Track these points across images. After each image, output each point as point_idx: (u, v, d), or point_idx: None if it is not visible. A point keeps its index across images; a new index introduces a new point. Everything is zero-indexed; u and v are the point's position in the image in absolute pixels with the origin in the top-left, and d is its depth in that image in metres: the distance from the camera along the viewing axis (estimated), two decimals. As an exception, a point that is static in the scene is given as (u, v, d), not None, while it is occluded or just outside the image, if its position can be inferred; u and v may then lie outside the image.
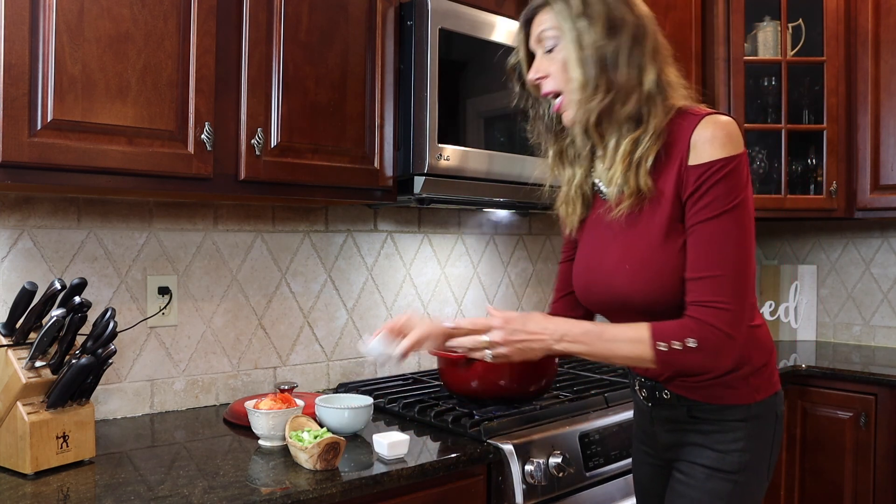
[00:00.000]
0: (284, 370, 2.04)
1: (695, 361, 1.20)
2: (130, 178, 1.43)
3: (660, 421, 1.41)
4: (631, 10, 1.27)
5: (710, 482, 1.31)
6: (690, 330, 1.19)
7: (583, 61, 1.25)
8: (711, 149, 1.21)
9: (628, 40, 1.25)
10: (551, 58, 1.30)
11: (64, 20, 1.32)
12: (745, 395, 1.31)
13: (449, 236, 2.44)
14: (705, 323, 1.19)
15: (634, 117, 1.26)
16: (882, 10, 2.66)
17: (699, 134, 1.22)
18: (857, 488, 2.40)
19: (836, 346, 3.04)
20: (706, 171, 1.20)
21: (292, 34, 1.64)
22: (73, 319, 1.35)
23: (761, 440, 1.32)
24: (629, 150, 1.25)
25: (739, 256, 1.20)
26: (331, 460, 1.36)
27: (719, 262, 1.19)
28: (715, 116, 1.23)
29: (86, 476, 1.33)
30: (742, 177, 1.21)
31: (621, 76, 1.24)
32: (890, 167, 2.65)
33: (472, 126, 1.90)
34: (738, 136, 1.23)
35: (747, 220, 1.21)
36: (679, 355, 1.19)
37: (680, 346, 1.19)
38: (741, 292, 1.20)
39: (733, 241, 1.20)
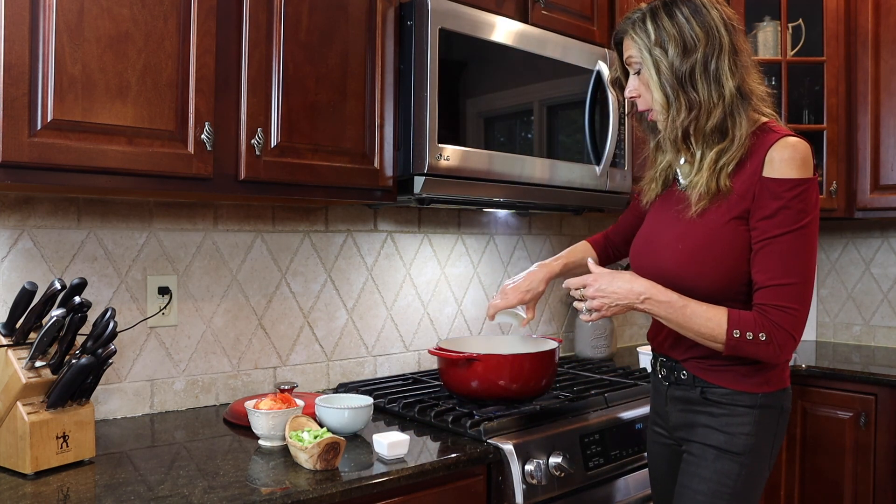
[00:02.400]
0: (284, 370, 2.04)
1: (760, 352, 1.33)
2: (130, 178, 1.43)
3: (673, 401, 1.50)
4: (704, 25, 1.37)
5: (719, 462, 1.40)
6: (762, 326, 1.32)
7: (661, 85, 1.38)
8: (787, 168, 1.33)
9: (703, 57, 1.36)
10: (639, 79, 1.45)
11: (64, 20, 1.32)
12: (756, 384, 1.41)
13: (449, 236, 2.44)
14: (775, 323, 1.32)
15: (720, 128, 1.38)
16: (882, 10, 2.66)
17: (777, 152, 1.33)
18: (857, 488, 2.40)
19: (836, 346, 3.04)
20: (782, 186, 1.32)
21: (292, 34, 1.64)
22: (73, 319, 1.35)
23: (766, 429, 1.41)
24: (714, 160, 1.38)
25: (807, 269, 1.34)
26: (331, 460, 1.36)
27: (792, 272, 1.32)
28: (793, 139, 1.35)
29: (86, 476, 1.33)
30: (812, 198, 1.34)
31: (701, 93, 1.36)
32: (890, 167, 2.65)
33: (472, 126, 1.90)
34: (811, 162, 1.35)
35: (814, 238, 1.35)
36: (748, 344, 1.33)
37: (752, 336, 1.32)
38: (806, 301, 1.34)
39: (803, 255, 1.33)
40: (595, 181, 2.19)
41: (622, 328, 3.07)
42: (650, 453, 1.63)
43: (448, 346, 1.89)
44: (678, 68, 1.36)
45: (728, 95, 1.35)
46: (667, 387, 1.52)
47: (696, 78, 1.36)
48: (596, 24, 2.36)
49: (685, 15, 1.37)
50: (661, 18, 1.38)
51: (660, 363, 1.55)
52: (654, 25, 1.38)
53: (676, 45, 1.36)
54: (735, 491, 1.38)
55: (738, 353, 1.34)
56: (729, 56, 1.37)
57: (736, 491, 1.38)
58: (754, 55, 2.77)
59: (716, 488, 1.39)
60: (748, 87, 1.38)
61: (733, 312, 1.34)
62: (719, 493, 1.39)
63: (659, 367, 1.55)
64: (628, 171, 2.29)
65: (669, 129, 1.40)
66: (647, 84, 1.42)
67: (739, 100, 1.36)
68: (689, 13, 1.37)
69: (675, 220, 1.46)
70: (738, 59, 1.38)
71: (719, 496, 1.39)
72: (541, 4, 2.16)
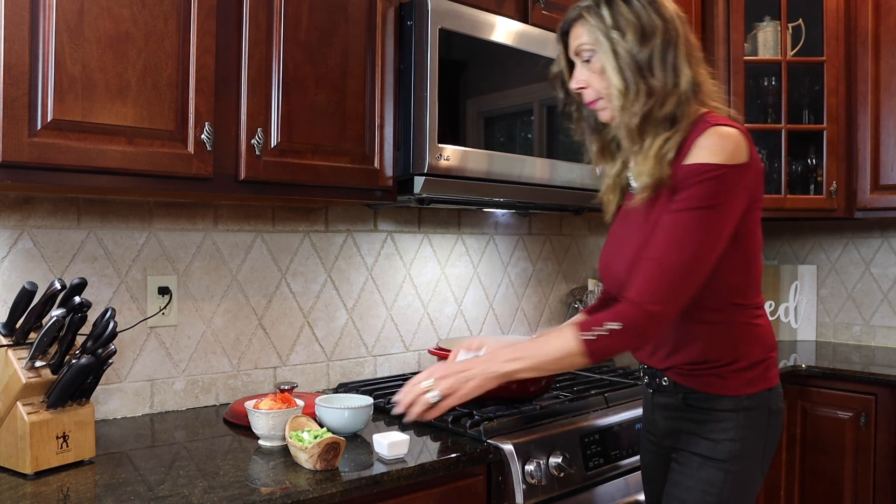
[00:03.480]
0: (284, 370, 2.04)
1: (619, 342, 1.27)
2: (130, 178, 1.43)
3: (659, 408, 1.48)
4: (660, 15, 1.34)
5: (702, 470, 1.36)
6: (615, 314, 1.27)
7: (621, 70, 1.33)
8: (705, 153, 1.27)
9: (661, 44, 1.32)
10: (590, 68, 1.38)
11: (64, 20, 1.32)
12: (736, 386, 1.36)
13: (449, 236, 2.44)
14: (632, 301, 1.26)
15: (670, 118, 1.33)
16: (882, 10, 2.66)
17: (702, 139, 1.28)
18: (857, 488, 2.40)
19: (836, 346, 3.04)
20: (695, 171, 1.27)
21: (292, 34, 1.64)
22: (73, 319, 1.35)
23: (753, 432, 1.37)
24: (659, 147, 1.32)
25: (684, 251, 1.25)
26: (331, 460, 1.36)
27: (663, 250, 1.26)
28: (722, 127, 1.29)
29: (86, 476, 1.33)
30: (724, 186, 1.26)
31: (658, 80, 1.32)
32: (890, 167, 2.65)
33: (472, 126, 1.90)
34: (738, 149, 1.28)
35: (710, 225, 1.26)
36: (604, 340, 1.26)
37: (604, 331, 1.26)
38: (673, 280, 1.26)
39: (684, 235, 1.26)
40: (595, 181, 2.18)
41: (622, 328, 3.07)
42: (643, 461, 1.60)
43: (448, 346, 1.89)
44: (636, 54, 1.31)
45: (684, 84, 1.32)
46: (651, 394, 1.49)
47: (654, 65, 1.31)
48: (596, 24, 2.36)
49: (641, 3, 1.33)
50: (616, 4, 1.34)
51: (643, 371, 1.52)
52: (609, 10, 1.34)
53: (635, 31, 1.32)
54: (721, 500, 1.34)
55: (602, 354, 1.28)
56: (684, 47, 1.34)
57: (722, 500, 1.34)
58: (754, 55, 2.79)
59: (700, 497, 1.35)
60: (700, 79, 1.35)
61: (580, 322, 1.30)
62: (704, 502, 1.34)
63: (642, 374, 1.52)
64: (628, 171, 2.29)
65: (627, 116, 1.34)
66: (601, 71, 1.36)
67: (691, 91, 1.33)
68: (645, 2, 1.34)
69: (630, 232, 1.41)
70: (691, 51, 1.35)
71: None
72: (541, 4, 2.16)
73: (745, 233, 1.34)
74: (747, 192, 1.30)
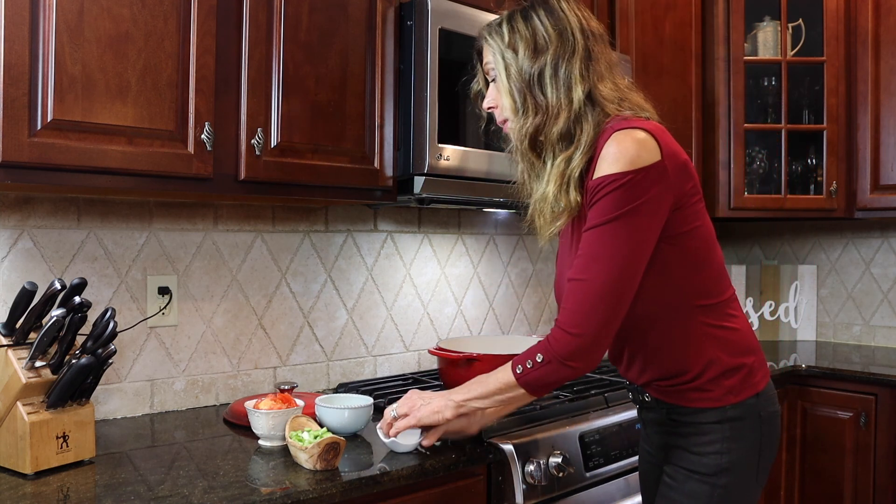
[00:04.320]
0: (284, 370, 2.04)
1: (549, 374, 1.25)
2: (130, 178, 1.43)
3: (648, 423, 1.48)
4: (558, 28, 1.30)
5: (688, 484, 1.32)
6: (540, 346, 1.26)
7: (510, 90, 1.32)
8: (607, 164, 1.22)
9: (553, 61, 1.29)
10: (496, 87, 1.38)
11: (64, 20, 1.32)
12: (718, 397, 1.31)
13: (449, 236, 2.44)
14: (558, 328, 1.25)
15: (566, 136, 1.28)
16: (882, 10, 2.66)
17: (605, 149, 1.24)
18: (857, 488, 2.40)
19: (836, 346, 3.05)
20: (599, 184, 1.23)
21: (292, 34, 1.64)
22: (73, 319, 1.35)
23: (742, 443, 1.31)
24: (562, 169, 1.28)
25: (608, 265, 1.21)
26: (331, 460, 1.36)
27: (586, 269, 1.23)
28: (624, 132, 1.22)
29: (86, 476, 1.33)
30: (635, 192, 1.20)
31: (548, 97, 1.29)
32: (890, 167, 2.65)
33: (472, 126, 1.90)
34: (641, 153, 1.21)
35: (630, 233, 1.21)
36: (534, 372, 1.26)
37: (531, 363, 1.26)
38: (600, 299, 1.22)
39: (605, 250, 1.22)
40: (595, 181, 2.19)
41: (622, 328, 3.07)
42: (640, 471, 1.58)
43: (448, 346, 1.89)
44: (526, 70, 1.29)
45: (576, 101, 1.27)
46: (639, 409, 1.49)
47: (544, 80, 1.29)
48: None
49: (540, 16, 1.31)
50: (516, 21, 1.33)
51: (627, 387, 1.49)
52: (508, 28, 1.33)
53: (527, 47, 1.30)
54: None
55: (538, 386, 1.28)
56: (581, 61, 1.29)
57: None
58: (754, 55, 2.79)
59: None
60: (599, 92, 1.29)
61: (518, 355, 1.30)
62: None
63: (628, 390, 1.49)
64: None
65: (518, 136, 1.32)
66: (500, 91, 1.35)
67: (588, 106, 1.28)
68: (544, 14, 1.31)
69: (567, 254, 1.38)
70: (591, 64, 1.30)
71: None
72: (541, 4, 2.16)
73: (685, 230, 1.27)
74: (669, 191, 1.23)
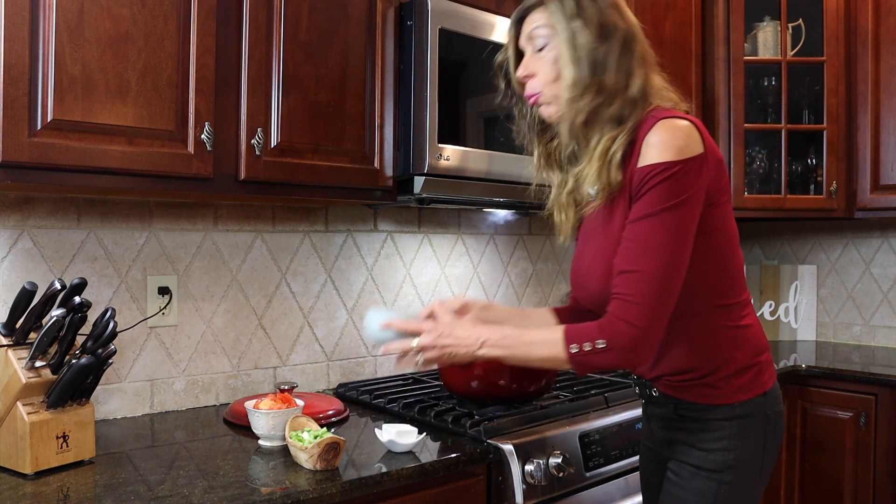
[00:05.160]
0: (284, 370, 2.04)
1: (606, 360, 1.23)
2: (130, 178, 1.43)
3: (653, 418, 1.46)
4: (621, 17, 1.30)
5: (695, 481, 1.32)
6: (601, 330, 1.22)
7: (576, 61, 1.28)
8: (656, 152, 1.22)
9: (618, 45, 1.28)
10: (540, 56, 1.33)
11: (64, 20, 1.32)
12: (728, 394, 1.32)
13: (449, 236, 2.44)
14: (617, 318, 1.21)
15: (617, 119, 1.28)
16: (882, 10, 2.66)
17: (650, 136, 1.23)
18: (857, 488, 2.40)
19: (836, 346, 3.04)
20: (648, 173, 1.22)
21: (292, 34, 1.64)
22: (73, 319, 1.35)
23: (749, 440, 1.33)
24: (606, 148, 1.27)
25: (661, 257, 1.21)
26: (331, 460, 1.36)
27: (640, 259, 1.21)
28: (670, 121, 1.24)
29: (86, 476, 1.33)
30: (683, 183, 1.21)
31: (610, 79, 1.28)
32: (890, 167, 2.65)
33: (472, 126, 1.90)
34: (689, 142, 1.22)
35: (680, 224, 1.22)
36: (590, 356, 1.22)
37: (590, 347, 1.22)
38: (655, 289, 1.21)
39: (659, 240, 1.21)
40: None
41: (622, 328, 3.06)
42: (641, 467, 1.57)
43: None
44: (595, 49, 1.27)
45: (634, 88, 1.28)
46: (644, 405, 1.48)
47: (609, 64, 1.27)
48: (596, 24, 2.36)
49: (604, 3, 1.30)
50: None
51: (634, 381, 1.49)
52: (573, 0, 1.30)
53: (595, 27, 1.28)
54: None
55: (586, 367, 1.25)
56: (640, 52, 1.31)
57: None
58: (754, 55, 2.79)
59: None
60: (651, 83, 1.31)
61: (570, 327, 1.25)
62: None
63: (634, 385, 1.50)
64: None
65: (573, 111, 1.29)
66: (554, 60, 1.30)
67: (641, 95, 1.29)
68: (607, 3, 1.30)
69: (592, 241, 1.38)
70: (645, 57, 1.32)
71: None
72: (541, 4, 2.15)
73: (715, 227, 1.28)
74: (707, 185, 1.25)
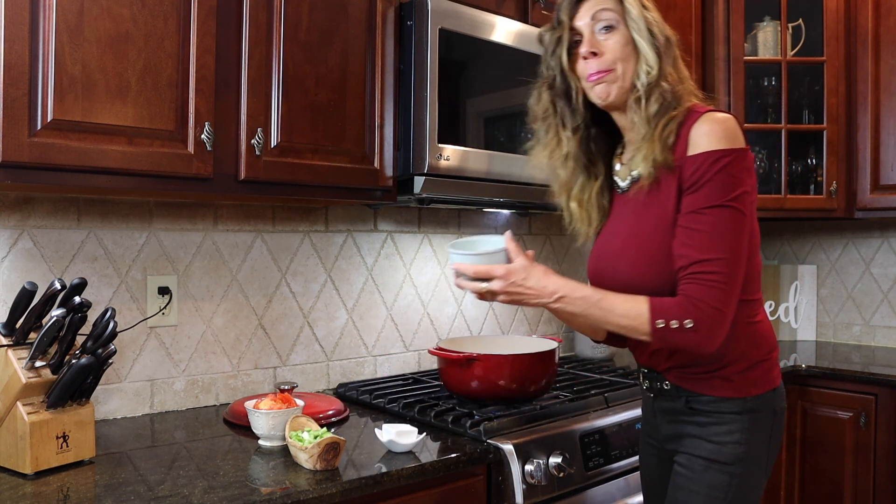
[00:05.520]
0: (284, 370, 2.04)
1: (689, 340, 1.26)
2: (130, 178, 1.43)
3: (661, 412, 1.46)
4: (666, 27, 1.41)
5: (707, 474, 1.35)
6: (687, 311, 1.25)
7: (653, 46, 1.35)
8: (708, 140, 1.28)
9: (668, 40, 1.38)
10: (609, 36, 1.36)
11: (64, 20, 1.32)
12: (741, 388, 1.36)
13: (449, 236, 2.43)
14: (702, 301, 1.25)
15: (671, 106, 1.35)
16: (882, 10, 2.66)
17: (697, 129, 1.30)
18: (857, 488, 2.40)
19: (836, 346, 3.04)
20: (704, 160, 1.28)
21: (292, 34, 1.64)
22: (73, 319, 1.35)
23: (757, 434, 1.36)
24: (662, 129, 1.33)
25: (736, 245, 1.27)
26: (331, 460, 1.36)
27: (718, 248, 1.26)
28: (713, 113, 1.31)
29: (86, 476, 1.33)
30: (740, 171, 1.27)
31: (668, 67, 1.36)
32: (890, 167, 2.65)
33: (472, 126, 1.90)
34: (737, 132, 1.30)
35: (744, 213, 1.28)
36: (675, 333, 1.26)
37: (677, 324, 1.25)
38: (734, 278, 1.27)
39: (732, 230, 1.27)
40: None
41: (622, 328, 3.06)
42: (642, 464, 1.59)
43: (448, 346, 1.89)
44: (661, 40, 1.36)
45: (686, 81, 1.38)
46: (652, 398, 1.48)
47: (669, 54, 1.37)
48: (596, 24, 2.36)
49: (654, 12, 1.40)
50: None
51: (643, 374, 1.50)
52: None
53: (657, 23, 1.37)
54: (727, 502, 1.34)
55: (666, 344, 1.28)
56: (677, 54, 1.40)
57: (728, 503, 1.34)
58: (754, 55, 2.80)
59: (706, 501, 1.34)
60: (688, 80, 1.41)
61: (655, 300, 1.28)
62: None
63: (643, 378, 1.50)
64: (628, 171, 2.29)
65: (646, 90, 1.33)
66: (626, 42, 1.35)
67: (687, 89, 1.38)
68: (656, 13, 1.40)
69: (621, 227, 1.42)
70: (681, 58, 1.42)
71: None
72: (541, 4, 2.16)
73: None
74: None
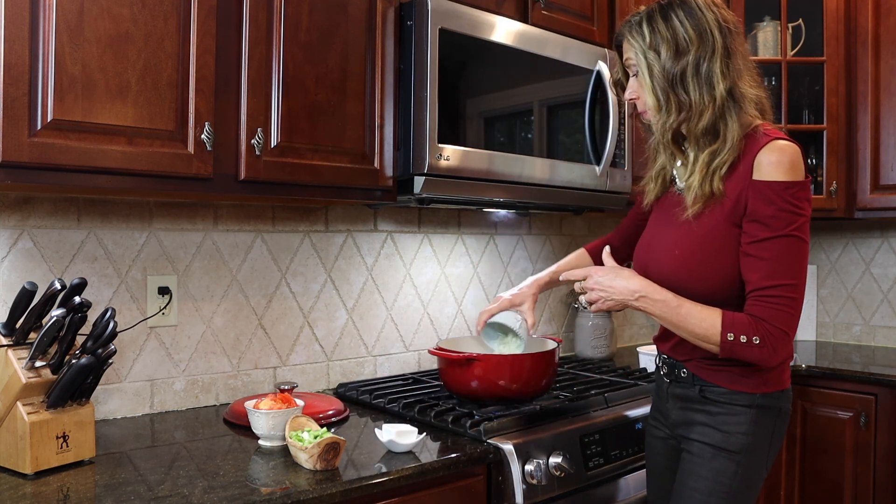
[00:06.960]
0: (284, 370, 2.04)
1: (755, 355, 1.35)
2: (130, 178, 1.43)
3: (674, 397, 1.53)
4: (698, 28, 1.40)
5: (715, 461, 1.42)
6: (755, 328, 1.34)
7: (653, 89, 1.42)
8: (776, 171, 1.35)
9: (695, 59, 1.39)
10: (637, 81, 1.48)
11: (64, 20, 1.32)
12: (754, 384, 1.43)
13: (449, 236, 2.44)
14: (769, 322, 1.33)
15: (711, 131, 1.40)
16: (882, 10, 2.66)
17: (765, 155, 1.35)
18: (857, 488, 2.40)
19: (836, 346, 3.04)
20: (771, 191, 1.34)
21: (292, 34, 1.64)
22: (73, 319, 1.35)
23: (763, 429, 1.43)
24: (707, 162, 1.40)
25: (800, 271, 1.36)
26: (331, 460, 1.36)
27: (785, 274, 1.34)
28: (782, 142, 1.37)
29: (86, 476, 1.33)
30: (802, 202, 1.35)
31: (692, 95, 1.39)
32: (890, 167, 2.65)
33: (472, 126, 1.90)
34: (800, 163, 1.37)
35: (805, 241, 1.37)
36: (742, 347, 1.34)
37: (746, 339, 1.34)
38: (798, 301, 1.36)
39: (795, 258, 1.35)
40: (595, 181, 2.19)
41: (622, 328, 3.07)
42: (648, 447, 1.66)
43: (448, 346, 1.89)
44: (669, 70, 1.39)
45: (719, 98, 1.38)
46: (668, 384, 1.55)
47: (686, 80, 1.39)
48: (596, 24, 2.36)
49: (679, 18, 1.40)
50: (656, 21, 1.42)
51: (662, 360, 1.59)
52: (649, 28, 1.42)
53: (669, 48, 1.39)
54: (731, 490, 1.41)
55: (732, 355, 1.36)
56: (721, 59, 1.39)
57: (732, 490, 1.41)
58: (754, 55, 2.79)
59: (713, 487, 1.41)
60: (740, 90, 1.40)
61: (727, 315, 1.36)
62: (716, 491, 1.41)
63: (661, 364, 1.59)
64: (628, 171, 2.29)
65: (660, 131, 1.45)
66: (642, 86, 1.46)
67: (731, 102, 1.39)
68: (683, 16, 1.40)
69: (672, 225, 1.50)
70: (730, 61, 1.40)
71: (716, 494, 1.41)
72: (541, 4, 2.16)
73: None
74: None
